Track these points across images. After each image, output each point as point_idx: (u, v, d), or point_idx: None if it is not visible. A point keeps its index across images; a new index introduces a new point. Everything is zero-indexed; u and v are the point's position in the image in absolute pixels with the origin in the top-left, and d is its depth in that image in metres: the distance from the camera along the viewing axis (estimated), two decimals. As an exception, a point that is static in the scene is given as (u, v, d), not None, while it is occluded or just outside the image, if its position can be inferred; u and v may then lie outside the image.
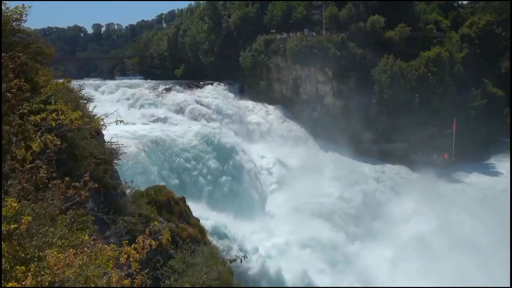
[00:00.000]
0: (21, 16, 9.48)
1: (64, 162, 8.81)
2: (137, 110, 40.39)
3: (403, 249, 31.58)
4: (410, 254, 30.77)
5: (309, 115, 50.64)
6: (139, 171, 24.53)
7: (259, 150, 42.62)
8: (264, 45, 52.98)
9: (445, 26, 57.85)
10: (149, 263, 10.51)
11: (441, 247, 31.44)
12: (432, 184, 45.07)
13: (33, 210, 4.28)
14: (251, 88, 54.86)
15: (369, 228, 36.36)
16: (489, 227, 34.72)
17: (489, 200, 42.64)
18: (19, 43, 9.87)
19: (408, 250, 31.34)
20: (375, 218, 37.89)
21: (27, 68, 7.49)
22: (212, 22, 60.70)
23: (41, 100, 7.18)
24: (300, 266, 26.42)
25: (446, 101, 49.25)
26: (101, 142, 11.76)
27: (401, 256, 30.90)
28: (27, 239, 3.96)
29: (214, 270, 9.92)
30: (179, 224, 14.93)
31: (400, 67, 47.17)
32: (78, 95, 11.27)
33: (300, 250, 28.07)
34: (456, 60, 52.04)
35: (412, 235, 33.42)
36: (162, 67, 70.74)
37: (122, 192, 12.46)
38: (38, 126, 5.06)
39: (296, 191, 36.69)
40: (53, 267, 3.67)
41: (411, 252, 31.00)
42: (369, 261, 30.92)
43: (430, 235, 33.39)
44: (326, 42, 48.76)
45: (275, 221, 32.15)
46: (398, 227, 35.32)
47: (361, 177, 42.38)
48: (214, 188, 30.71)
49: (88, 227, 5.50)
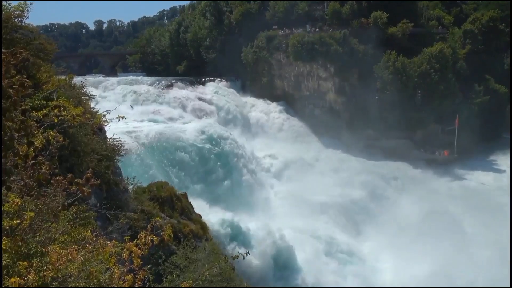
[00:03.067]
0: (23, 12, 9.49)
1: (66, 158, 8.84)
2: (139, 106, 40.41)
3: (401, 239, 31.68)
4: (407, 243, 30.85)
5: (310, 111, 50.57)
6: (141, 168, 24.56)
7: (261, 146, 42.62)
8: (266, 41, 52.83)
9: (448, 22, 57.58)
10: (151, 259, 10.56)
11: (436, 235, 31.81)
12: (433, 181, 45.03)
13: (35, 206, 4.30)
14: (253, 84, 54.79)
15: (370, 224, 36.36)
16: (485, 220, 34.96)
17: (488, 196, 42.66)
18: (21, 39, 9.88)
19: (405, 239, 31.44)
20: (377, 214, 37.87)
21: (29, 65, 7.50)
22: (214, 18, 60.57)
23: (43, 96, 7.19)
24: (301, 261, 26.49)
25: (449, 98, 49.09)
26: (103, 138, 11.79)
27: (399, 244, 31.00)
28: (30, 235, 3.98)
29: (216, 266, 9.96)
30: (181, 220, 14.99)
31: (402, 63, 46.98)
32: (80, 92, 11.29)
33: (300, 245, 28.08)
34: (459, 56, 51.82)
35: (410, 228, 33.46)
36: (164, 63, 70.69)
37: (124, 188, 12.50)
38: (40, 122, 5.07)
39: (297, 187, 36.70)
40: (55, 262, 3.69)
41: (408, 241, 31.08)
42: (370, 255, 30.97)
43: (426, 227, 33.54)
44: (328, 38, 48.59)
45: (275, 216, 32.18)
46: (399, 222, 35.30)
47: (362, 174, 42.32)
48: (216, 184, 30.73)
49: (90, 223, 5.52)
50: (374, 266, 29.92)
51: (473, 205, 39.64)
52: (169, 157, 28.66)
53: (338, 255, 29.33)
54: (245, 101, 50.23)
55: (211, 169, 31.03)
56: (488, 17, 54.78)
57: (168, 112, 40.94)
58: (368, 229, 35.79)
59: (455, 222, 35.45)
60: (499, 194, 43.58)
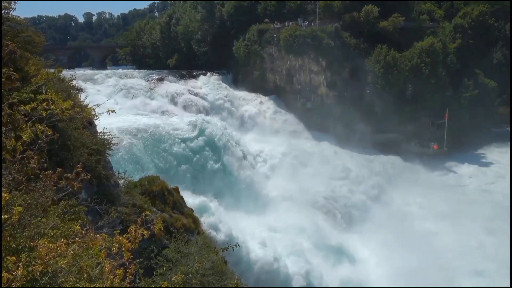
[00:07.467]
0: (10, 4, 9.31)
1: (56, 153, 8.75)
2: (129, 100, 40.09)
3: (392, 233, 32.05)
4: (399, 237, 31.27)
5: (302, 105, 50.63)
6: (132, 162, 24.45)
7: (252, 140, 42.61)
8: (258, 34, 52.59)
9: (438, 16, 57.85)
10: (143, 253, 10.54)
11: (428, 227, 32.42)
12: (424, 174, 45.56)
13: (24, 201, 4.26)
14: (244, 78, 54.61)
15: (361, 218, 36.68)
16: (475, 212, 35.66)
17: (476, 189, 43.38)
18: (8, 31, 9.70)
19: (396, 233, 31.83)
20: (369, 208, 38.21)
21: (17, 57, 7.38)
22: (205, 11, 60.08)
23: (31, 90, 7.09)
24: (294, 255, 26.67)
25: (439, 92, 49.50)
26: (93, 132, 11.67)
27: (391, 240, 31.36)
28: (19, 230, 3.95)
29: (208, 259, 9.98)
30: (172, 214, 14.95)
31: (393, 57, 47.17)
32: (69, 85, 11.15)
33: (292, 239, 28.26)
34: (449, 50, 52.17)
35: (401, 222, 33.91)
36: (154, 56, 70.06)
37: (115, 183, 12.42)
38: (28, 116, 5.01)
39: (288, 181, 36.84)
40: (44, 257, 3.67)
41: (399, 236, 31.49)
42: (361, 249, 31.27)
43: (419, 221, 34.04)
44: (320, 32, 48.53)
45: (267, 211, 32.31)
46: (390, 216, 35.68)
47: (354, 167, 42.61)
48: (208, 179, 30.72)
49: (80, 217, 5.49)
50: (364, 261, 30.22)
51: (462, 198, 40.26)
52: (161, 151, 28.56)
53: (328, 250, 29.54)
54: (237, 95, 50.09)
55: (202, 163, 30.99)
56: (478, 12, 55.18)
57: (159, 106, 40.69)
58: (359, 223, 36.12)
59: (445, 215, 35.99)
60: (488, 187, 44.32)
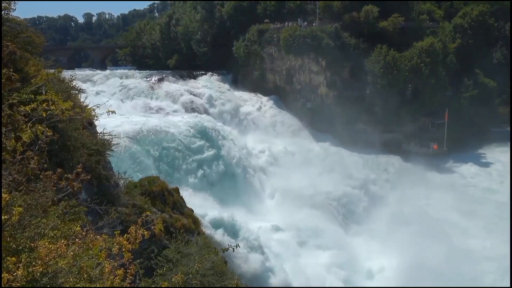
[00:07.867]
0: (10, 5, 9.31)
1: (56, 153, 8.75)
2: (129, 101, 40.08)
3: (391, 232, 32.08)
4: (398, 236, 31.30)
5: (302, 105, 50.64)
6: (132, 162, 24.43)
7: (252, 140, 42.60)
8: (258, 35, 52.59)
9: (438, 16, 57.89)
10: (143, 253, 10.54)
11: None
12: (424, 174, 45.53)
13: (24, 201, 4.26)
14: (244, 78, 54.61)
15: (361, 217, 36.70)
16: (474, 212, 35.68)
17: (476, 188, 43.37)
18: (8, 32, 9.71)
19: (395, 232, 31.86)
20: (368, 207, 38.22)
21: (17, 58, 7.38)
22: (205, 11, 60.10)
23: (31, 91, 7.09)
24: (294, 255, 26.67)
25: (439, 92, 49.50)
26: (93, 132, 11.68)
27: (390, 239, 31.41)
28: (19, 230, 3.95)
29: (208, 259, 9.98)
30: (173, 214, 14.96)
31: (393, 57, 47.18)
32: (69, 85, 11.15)
33: (292, 239, 28.27)
34: (449, 50, 52.18)
35: (400, 221, 33.90)
36: (154, 57, 70.04)
37: (115, 183, 12.42)
38: (28, 117, 5.01)
39: (289, 181, 36.82)
40: (44, 257, 3.67)
41: (398, 234, 31.51)
42: (359, 248, 31.29)
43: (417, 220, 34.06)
44: (319, 32, 48.53)
45: (267, 211, 32.32)
46: (389, 215, 35.68)
47: (354, 167, 42.60)
48: (208, 179, 30.71)
49: (80, 218, 5.49)
50: (364, 260, 30.22)
51: (463, 198, 40.25)
52: (161, 152, 28.53)
53: (328, 249, 29.52)
54: (237, 95, 50.09)
55: (202, 163, 30.98)
56: (478, 12, 55.21)
57: (159, 106, 40.68)
58: (358, 222, 36.14)
59: (445, 215, 35.99)
60: (488, 187, 44.32)
